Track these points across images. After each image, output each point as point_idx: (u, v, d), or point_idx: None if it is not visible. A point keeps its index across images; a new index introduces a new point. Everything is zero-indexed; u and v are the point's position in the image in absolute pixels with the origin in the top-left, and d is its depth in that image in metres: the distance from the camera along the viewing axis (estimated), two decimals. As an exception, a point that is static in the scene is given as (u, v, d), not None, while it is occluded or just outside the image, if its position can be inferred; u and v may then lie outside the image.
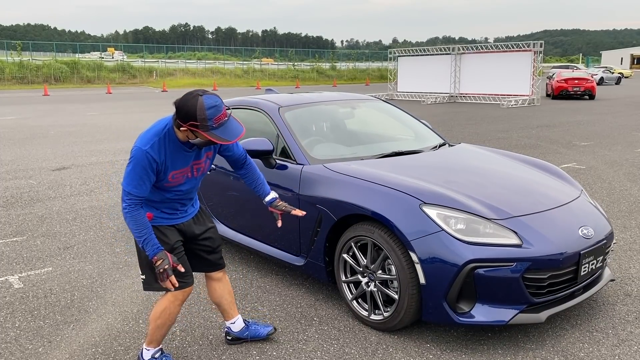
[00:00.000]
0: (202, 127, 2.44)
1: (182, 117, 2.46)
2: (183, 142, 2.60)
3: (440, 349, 3.13)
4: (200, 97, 2.43)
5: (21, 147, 11.00)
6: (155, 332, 2.86)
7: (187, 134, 2.54)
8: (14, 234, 5.37)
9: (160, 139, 2.55)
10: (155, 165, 2.54)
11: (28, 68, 38.37)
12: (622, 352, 3.08)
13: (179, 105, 2.47)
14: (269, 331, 3.23)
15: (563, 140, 11.62)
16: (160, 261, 2.58)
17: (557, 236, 3.16)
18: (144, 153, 2.51)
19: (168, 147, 2.57)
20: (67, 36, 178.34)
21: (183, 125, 2.47)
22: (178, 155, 2.62)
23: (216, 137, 2.48)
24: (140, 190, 2.54)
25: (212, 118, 2.43)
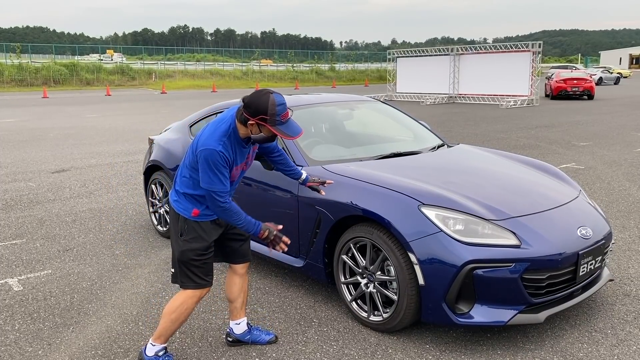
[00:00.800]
0: (270, 122, 2.65)
1: (253, 112, 2.65)
2: (243, 139, 2.79)
3: (440, 349, 3.14)
4: (271, 95, 2.67)
5: (20, 149, 11.01)
6: (168, 326, 2.92)
7: (252, 128, 2.70)
8: (13, 236, 5.37)
9: (228, 138, 2.72)
10: (227, 163, 2.71)
11: (27, 70, 38.35)
12: (621, 352, 3.08)
13: (250, 101, 2.67)
14: (270, 338, 3.25)
15: (562, 141, 11.63)
16: (266, 232, 2.83)
17: (556, 236, 3.16)
18: (218, 153, 2.67)
19: (233, 144, 2.75)
20: (66, 38, 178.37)
21: (251, 120, 2.66)
22: (239, 151, 2.81)
23: (281, 132, 2.70)
24: (226, 186, 2.72)
25: (280, 114, 2.66)
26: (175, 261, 2.91)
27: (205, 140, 2.71)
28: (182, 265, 2.87)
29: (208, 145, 2.68)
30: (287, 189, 3.80)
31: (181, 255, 2.86)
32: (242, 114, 2.70)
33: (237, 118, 2.74)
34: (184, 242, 2.85)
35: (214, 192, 2.69)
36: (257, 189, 4.07)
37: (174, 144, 5.13)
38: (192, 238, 2.84)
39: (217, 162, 2.66)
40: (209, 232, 2.89)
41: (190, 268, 2.87)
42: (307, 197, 3.65)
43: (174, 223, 2.92)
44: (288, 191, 3.79)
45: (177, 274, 2.91)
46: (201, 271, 2.89)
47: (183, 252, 2.85)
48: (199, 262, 2.87)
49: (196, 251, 2.85)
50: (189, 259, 2.85)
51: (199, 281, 2.90)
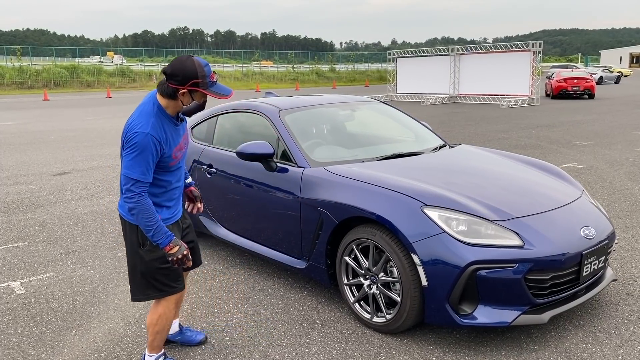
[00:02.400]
0: (202, 85, 2.51)
1: (181, 79, 2.49)
2: (172, 116, 2.63)
3: (443, 350, 3.13)
4: (193, 58, 2.51)
5: (22, 152, 11.01)
6: (155, 338, 2.87)
7: (184, 98, 2.55)
8: (15, 239, 5.37)
9: (155, 118, 2.55)
10: (158, 147, 2.53)
11: (28, 73, 38.40)
12: (626, 352, 3.08)
13: (173, 71, 2.50)
14: (201, 339, 3.24)
15: (563, 140, 11.62)
16: (176, 247, 2.59)
17: (559, 237, 3.15)
18: (148, 137, 2.48)
19: (164, 123, 2.58)
20: (67, 41, 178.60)
21: (182, 88, 2.50)
22: (171, 131, 2.63)
23: (215, 93, 2.56)
24: (148, 176, 2.52)
25: (209, 74, 2.53)
26: (136, 275, 2.71)
27: (132, 126, 2.51)
28: (149, 277, 2.68)
29: (135, 129, 2.49)
30: (289, 190, 3.80)
31: (147, 266, 2.66)
32: (168, 86, 2.51)
33: (162, 94, 2.55)
34: (147, 253, 2.65)
35: (132, 180, 2.46)
36: (258, 190, 4.06)
37: (176, 146, 5.12)
38: (156, 246, 2.62)
39: (146, 146, 2.47)
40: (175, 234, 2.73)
41: (158, 278, 2.69)
42: (309, 199, 3.65)
43: (129, 235, 2.68)
44: (290, 193, 3.79)
45: (142, 288, 2.72)
46: (170, 278, 2.72)
47: (149, 263, 2.66)
48: (167, 269, 2.69)
49: (162, 258, 2.65)
50: (155, 269, 2.67)
51: (169, 289, 2.75)
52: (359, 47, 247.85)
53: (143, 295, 2.76)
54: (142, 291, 2.75)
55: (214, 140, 4.80)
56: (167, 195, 2.72)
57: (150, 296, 2.77)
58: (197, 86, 2.51)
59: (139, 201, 2.49)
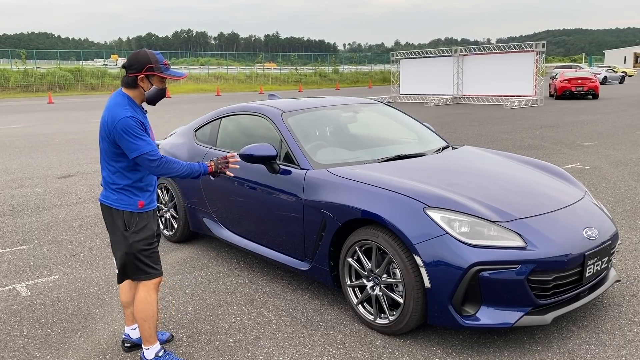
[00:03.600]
0: (157, 69, 2.83)
1: (138, 67, 2.81)
2: (140, 105, 2.93)
3: (447, 352, 3.14)
4: (144, 49, 2.88)
5: (27, 155, 11.07)
6: (144, 326, 2.98)
7: (144, 84, 2.85)
8: (20, 242, 5.40)
9: (129, 106, 2.84)
10: (141, 126, 2.81)
11: (32, 76, 38.56)
12: (629, 353, 3.07)
13: (130, 61, 2.84)
14: (167, 337, 3.33)
15: (567, 141, 11.60)
16: (213, 164, 3.02)
17: (562, 238, 3.16)
18: (130, 119, 2.76)
19: (136, 110, 2.87)
20: (71, 44, 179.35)
21: (140, 74, 2.81)
22: (143, 117, 2.92)
23: (170, 75, 2.88)
24: (152, 145, 2.82)
25: (162, 61, 2.86)
26: (122, 258, 2.95)
27: (112, 117, 2.78)
28: (133, 258, 2.92)
29: (117, 117, 2.76)
30: (292, 192, 3.82)
31: (131, 248, 2.90)
32: (128, 77, 2.84)
33: (125, 86, 2.87)
34: (132, 234, 2.89)
35: (145, 154, 2.77)
36: (262, 192, 4.08)
37: (179, 148, 5.15)
38: (140, 229, 2.91)
39: (134, 126, 2.75)
40: (152, 220, 3.01)
41: (141, 259, 2.93)
42: (312, 201, 3.66)
43: (115, 221, 2.92)
44: (293, 194, 3.80)
45: (127, 270, 2.96)
46: (151, 260, 2.96)
47: (132, 245, 2.90)
48: (148, 251, 2.94)
49: (146, 240, 2.92)
50: (139, 250, 2.91)
51: (151, 271, 2.96)
52: (362, 48, 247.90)
53: (129, 276, 2.99)
54: (126, 273, 2.99)
55: (217, 142, 4.82)
56: (147, 180, 2.97)
57: (137, 277, 2.97)
58: (153, 70, 2.83)
59: (164, 161, 2.83)
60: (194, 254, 4.94)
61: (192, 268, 4.58)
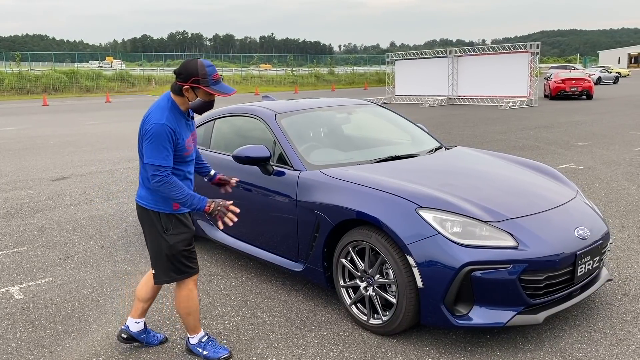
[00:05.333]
0: (203, 82, 2.78)
1: (185, 77, 2.79)
2: (184, 112, 2.92)
3: (439, 351, 3.15)
4: (198, 60, 2.83)
5: (21, 157, 11.04)
6: (188, 319, 3.08)
7: (189, 94, 2.83)
8: (14, 244, 5.39)
9: (169, 111, 2.84)
10: (173, 136, 2.80)
11: (27, 78, 38.43)
12: (620, 351, 3.09)
13: (180, 69, 2.82)
14: (161, 339, 3.35)
15: (561, 141, 11.65)
16: (213, 203, 2.90)
17: (553, 237, 3.18)
18: (163, 126, 2.77)
19: (176, 117, 2.86)
20: (66, 46, 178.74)
21: (186, 84, 2.79)
22: (183, 124, 2.92)
23: (216, 91, 2.82)
24: (169, 161, 2.80)
25: (211, 74, 2.80)
26: (161, 259, 2.96)
27: (149, 119, 2.82)
28: (173, 259, 2.95)
29: (152, 120, 2.79)
30: (286, 193, 3.82)
31: (171, 249, 2.92)
32: (176, 84, 2.84)
33: (173, 91, 2.87)
34: (171, 236, 2.92)
35: (156, 166, 2.76)
36: (256, 194, 4.09)
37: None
38: (180, 230, 2.94)
39: (162, 135, 2.76)
40: (189, 222, 3.04)
41: (181, 259, 2.96)
42: (306, 202, 3.67)
43: (152, 223, 2.94)
44: (287, 196, 3.81)
45: (167, 271, 2.98)
46: (189, 260, 3.00)
47: (173, 246, 2.92)
48: (187, 251, 2.98)
49: (185, 241, 2.96)
50: (179, 251, 2.94)
51: (189, 270, 3.01)
52: (358, 49, 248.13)
53: (167, 277, 3.01)
54: (166, 274, 3.00)
55: (211, 144, 4.82)
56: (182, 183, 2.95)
57: (173, 278, 3.01)
58: (198, 83, 2.78)
59: (166, 181, 2.79)
60: (188, 256, 4.93)
61: (187, 270, 4.58)
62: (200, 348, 3.13)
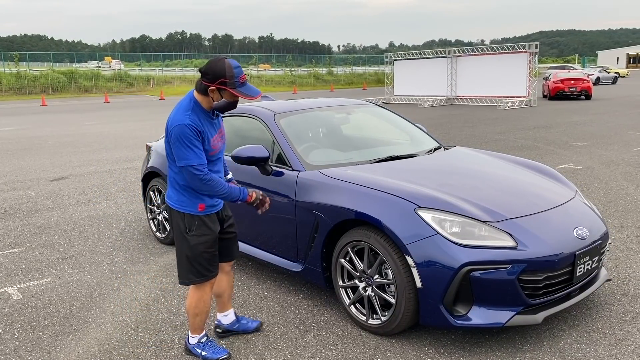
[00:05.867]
0: (230, 84, 2.74)
1: (211, 78, 2.74)
2: (208, 111, 2.88)
3: (438, 352, 3.15)
4: (226, 60, 2.77)
5: (19, 158, 11.02)
6: (196, 319, 3.10)
7: (214, 95, 2.79)
8: (12, 245, 5.38)
9: (192, 111, 2.81)
10: (198, 135, 2.78)
11: (25, 79, 38.36)
12: (620, 351, 3.09)
13: (206, 69, 2.76)
14: (257, 325, 3.41)
15: (560, 141, 11.65)
16: (254, 194, 2.98)
17: (552, 237, 3.17)
18: (187, 126, 2.74)
19: (200, 116, 2.83)
20: (64, 46, 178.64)
21: (212, 85, 2.75)
22: (208, 123, 2.88)
23: (241, 94, 2.78)
24: (203, 158, 2.79)
25: (238, 76, 2.75)
26: (182, 259, 2.98)
27: (172, 121, 2.79)
28: (193, 261, 2.95)
29: (175, 122, 2.76)
30: (285, 193, 3.82)
31: (192, 250, 2.93)
32: (202, 83, 2.78)
33: (197, 90, 2.83)
34: (193, 237, 2.93)
35: (192, 167, 2.75)
36: (254, 194, 4.07)
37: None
38: (202, 232, 2.94)
39: (188, 135, 2.73)
40: (214, 224, 3.01)
41: (201, 262, 2.96)
42: (305, 202, 3.66)
43: (177, 222, 2.96)
44: (286, 196, 3.81)
45: (187, 272, 2.99)
46: (209, 263, 3.00)
47: (194, 247, 2.93)
48: (208, 254, 2.97)
49: (206, 243, 2.95)
50: (199, 253, 2.94)
51: (208, 274, 3.01)
52: (357, 49, 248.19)
53: (186, 279, 3.01)
54: (185, 275, 3.00)
55: (209, 144, 4.81)
56: None
57: (192, 281, 3.00)
58: (225, 85, 2.74)
59: (207, 179, 2.79)
60: (187, 256, 4.92)
61: (185, 270, 4.57)
62: (199, 349, 3.13)
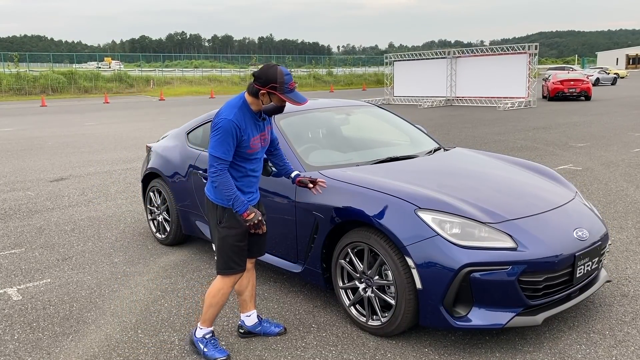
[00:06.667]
0: (279, 89, 2.90)
1: (263, 82, 2.91)
2: (255, 112, 3.02)
3: (438, 353, 3.15)
4: (278, 67, 2.95)
5: (19, 158, 11.02)
6: (209, 310, 3.17)
7: (263, 98, 2.95)
8: (12, 245, 5.37)
9: (239, 109, 2.97)
10: (238, 132, 2.92)
11: (25, 79, 38.37)
12: (619, 353, 3.09)
13: (260, 74, 2.93)
14: (279, 330, 3.42)
15: (559, 142, 11.66)
16: (252, 214, 3.00)
17: (552, 238, 3.17)
18: (230, 122, 2.90)
19: (245, 116, 2.98)
20: (64, 47, 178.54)
21: (262, 89, 2.91)
22: (252, 123, 3.02)
23: (290, 99, 2.93)
24: (228, 155, 2.92)
25: (288, 82, 2.91)
26: (216, 250, 3.12)
27: (219, 114, 2.97)
28: (222, 252, 3.07)
29: (221, 115, 2.94)
30: (284, 194, 3.82)
31: (222, 241, 3.06)
32: (253, 86, 2.94)
33: (248, 92, 2.99)
34: (223, 229, 3.04)
35: (215, 157, 2.90)
36: (254, 195, 4.07)
37: (172, 151, 5.14)
38: (232, 224, 3.03)
39: (227, 129, 2.88)
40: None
41: (230, 254, 3.06)
42: (305, 203, 3.66)
43: (211, 213, 3.10)
44: (285, 197, 3.80)
45: (217, 262, 3.11)
46: (239, 256, 3.09)
47: (224, 239, 3.05)
48: (238, 247, 3.07)
49: (236, 236, 3.05)
50: (229, 245, 3.05)
51: (236, 267, 3.09)
52: (357, 50, 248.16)
53: (216, 269, 3.13)
54: (216, 265, 3.13)
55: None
56: (245, 181, 3.10)
57: (219, 271, 3.12)
58: (275, 90, 2.90)
59: (220, 175, 2.92)
60: (187, 257, 4.93)
61: (185, 271, 4.58)
62: (202, 344, 3.18)
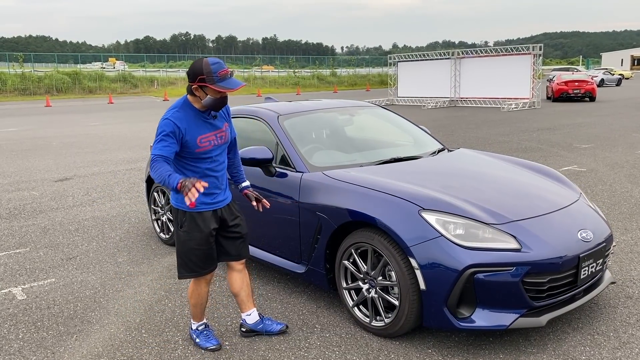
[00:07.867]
0: (208, 80, 2.84)
1: (192, 77, 2.89)
2: (202, 111, 3.00)
3: (442, 354, 3.14)
4: (204, 58, 2.91)
5: (24, 158, 11.06)
6: (194, 309, 3.30)
7: (199, 93, 2.92)
8: (17, 245, 5.40)
9: (179, 109, 2.96)
10: (177, 131, 2.89)
11: (30, 79, 38.51)
12: (624, 354, 3.08)
13: (188, 70, 2.91)
14: (281, 328, 3.43)
15: (564, 143, 11.63)
16: (185, 181, 2.76)
17: (556, 240, 3.17)
18: (166, 120, 2.91)
19: (187, 114, 2.95)
20: (69, 47, 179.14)
21: (193, 84, 2.89)
22: (199, 122, 2.99)
23: (222, 87, 2.86)
24: (164, 151, 2.86)
25: (216, 72, 2.85)
26: (177, 253, 3.13)
27: (163, 115, 2.97)
28: (184, 255, 3.08)
29: (163, 116, 2.95)
30: (288, 195, 3.82)
31: (182, 245, 3.07)
32: (188, 84, 2.94)
33: (187, 91, 2.99)
34: (184, 233, 3.05)
35: (153, 155, 2.88)
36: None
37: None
38: (191, 229, 3.03)
39: (164, 128, 2.87)
40: (207, 221, 3.06)
41: (191, 258, 3.07)
42: (308, 203, 3.67)
43: (174, 217, 3.11)
44: (289, 197, 3.81)
45: (179, 266, 3.14)
46: (201, 260, 3.09)
47: (184, 243, 3.06)
48: (199, 251, 3.06)
49: (195, 240, 3.04)
50: (189, 249, 3.05)
51: (199, 270, 3.11)
52: (360, 51, 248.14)
53: (178, 272, 3.16)
54: (178, 269, 3.16)
55: (213, 145, 4.82)
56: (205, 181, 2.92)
57: (182, 274, 3.15)
58: (205, 82, 2.85)
59: (154, 166, 2.84)
60: (191, 257, 4.93)
61: (189, 271, 4.58)
62: (195, 335, 3.33)
